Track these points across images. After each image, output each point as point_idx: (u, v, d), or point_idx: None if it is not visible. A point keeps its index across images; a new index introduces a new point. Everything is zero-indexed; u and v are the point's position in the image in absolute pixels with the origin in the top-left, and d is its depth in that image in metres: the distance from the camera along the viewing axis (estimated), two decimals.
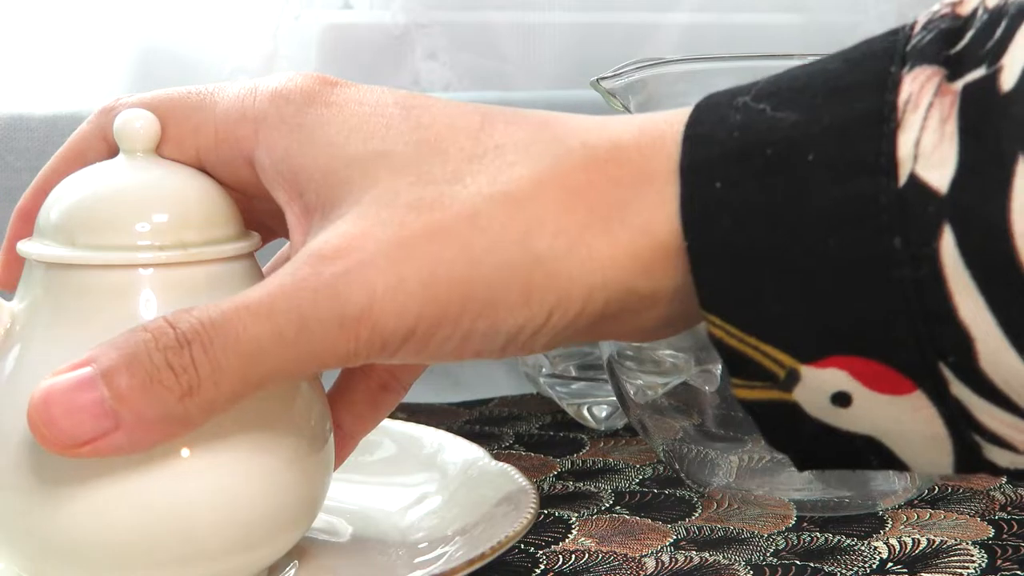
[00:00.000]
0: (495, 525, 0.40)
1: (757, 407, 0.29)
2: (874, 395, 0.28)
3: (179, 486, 0.33)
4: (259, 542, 0.35)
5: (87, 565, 0.33)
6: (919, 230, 0.26)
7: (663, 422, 0.49)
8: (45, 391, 0.30)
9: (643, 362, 0.49)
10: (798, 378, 0.28)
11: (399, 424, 0.51)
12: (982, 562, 0.42)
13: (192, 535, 0.33)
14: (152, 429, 0.30)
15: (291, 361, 0.30)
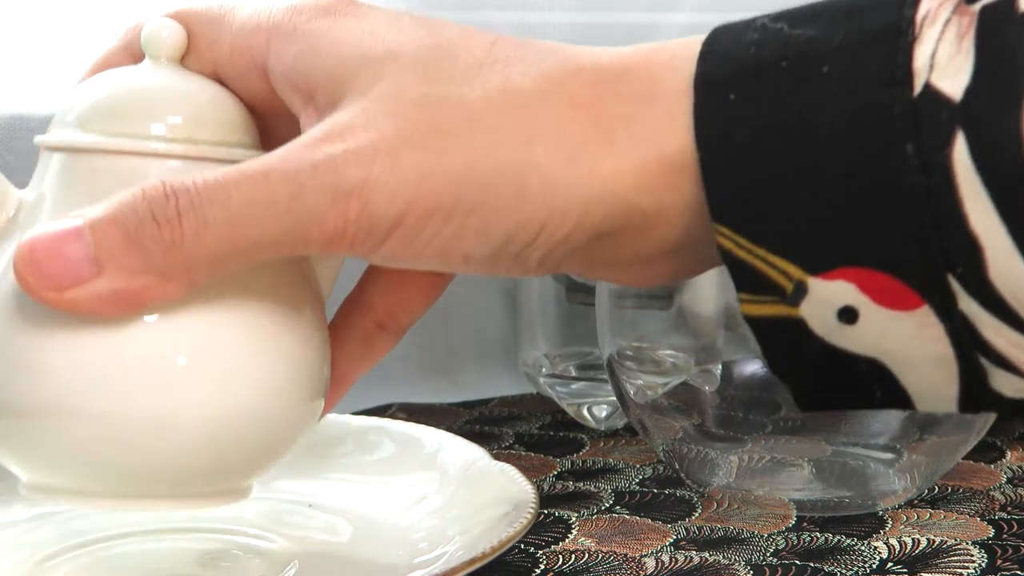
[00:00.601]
0: (495, 525, 0.40)
1: (762, 324, 0.29)
2: (881, 310, 0.27)
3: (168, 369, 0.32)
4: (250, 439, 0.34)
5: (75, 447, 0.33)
6: (932, 137, 0.26)
7: (663, 422, 0.49)
8: (32, 237, 0.30)
9: (643, 362, 0.49)
10: (805, 291, 0.28)
11: (399, 424, 0.51)
12: (982, 562, 0.42)
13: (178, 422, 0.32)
14: (132, 281, 0.30)
15: (279, 229, 0.29)
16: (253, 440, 0.34)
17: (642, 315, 0.50)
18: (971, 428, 0.47)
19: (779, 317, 0.28)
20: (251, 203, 0.29)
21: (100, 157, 0.34)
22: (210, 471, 0.34)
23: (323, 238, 0.30)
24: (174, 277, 0.30)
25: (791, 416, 0.47)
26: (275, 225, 0.29)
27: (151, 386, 0.32)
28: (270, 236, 0.30)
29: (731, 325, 0.47)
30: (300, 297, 0.35)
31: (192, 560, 0.43)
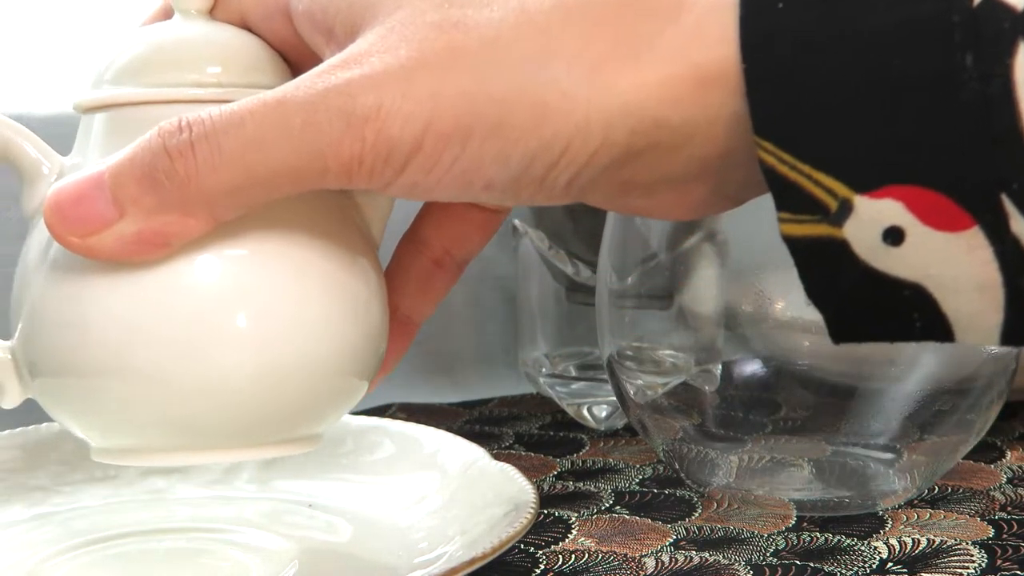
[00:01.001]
0: (495, 525, 0.40)
1: (802, 246, 0.28)
2: (928, 231, 0.26)
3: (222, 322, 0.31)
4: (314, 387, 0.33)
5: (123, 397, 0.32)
6: (992, 46, 0.25)
7: (663, 422, 0.49)
8: (58, 187, 0.30)
9: (643, 362, 0.49)
10: (851, 210, 0.27)
11: (399, 424, 0.51)
12: (982, 562, 0.42)
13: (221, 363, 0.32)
14: (153, 221, 0.30)
15: (295, 157, 0.29)
16: (318, 388, 0.33)
17: (642, 315, 0.50)
18: (971, 428, 0.47)
19: (820, 238, 0.27)
20: (265, 130, 0.29)
21: (138, 109, 0.33)
22: (276, 420, 0.33)
23: (340, 167, 0.29)
24: (194, 212, 0.30)
25: (791, 416, 0.47)
26: (291, 153, 0.29)
27: (204, 340, 0.31)
28: (287, 165, 0.29)
29: (731, 325, 0.47)
30: (353, 241, 0.34)
31: (192, 560, 0.43)
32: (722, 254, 0.47)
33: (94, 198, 0.30)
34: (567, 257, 0.60)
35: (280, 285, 0.32)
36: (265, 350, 0.32)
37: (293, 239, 0.32)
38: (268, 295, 0.32)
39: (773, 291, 0.45)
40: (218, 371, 0.31)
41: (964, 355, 0.46)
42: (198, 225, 0.30)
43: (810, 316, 0.46)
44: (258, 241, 0.32)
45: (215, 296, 0.31)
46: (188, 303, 0.31)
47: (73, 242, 0.30)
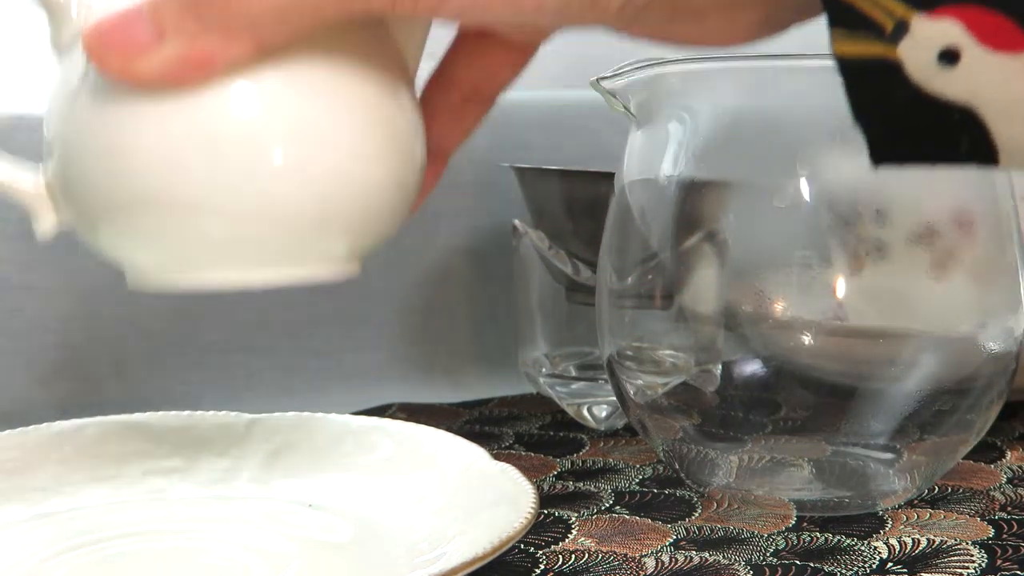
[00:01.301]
0: (495, 525, 0.40)
1: (854, 65, 0.27)
2: (985, 53, 0.26)
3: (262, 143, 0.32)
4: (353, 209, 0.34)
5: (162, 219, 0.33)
6: None
7: (663, 422, 0.49)
8: (99, 18, 0.31)
9: (643, 362, 0.49)
10: (907, 29, 0.27)
11: (399, 424, 0.51)
12: (982, 562, 0.42)
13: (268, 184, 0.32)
14: (195, 44, 0.30)
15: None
16: (356, 209, 0.34)
17: (642, 315, 0.49)
18: (971, 428, 0.47)
19: (873, 57, 0.27)
20: None
21: None
22: (318, 243, 0.34)
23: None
24: (237, 36, 0.30)
25: (791, 416, 0.47)
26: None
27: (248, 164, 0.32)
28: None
29: (731, 325, 0.47)
30: (392, 73, 0.34)
31: (192, 560, 0.43)
32: (722, 254, 0.47)
33: (135, 22, 0.30)
34: (567, 257, 0.60)
35: (324, 112, 0.32)
36: (307, 174, 0.32)
37: (335, 68, 0.33)
38: (312, 121, 0.32)
39: (773, 291, 0.45)
40: (261, 197, 0.32)
41: (964, 355, 0.46)
42: (242, 49, 0.30)
43: (810, 316, 0.46)
44: (301, 68, 0.32)
45: (259, 122, 0.31)
46: (232, 129, 0.31)
47: (114, 66, 0.30)
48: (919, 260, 0.45)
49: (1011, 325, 0.46)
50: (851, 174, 0.45)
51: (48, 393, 0.62)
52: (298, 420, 0.52)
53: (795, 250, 0.45)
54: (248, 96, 0.31)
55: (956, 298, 0.46)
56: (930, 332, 0.46)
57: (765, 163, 0.46)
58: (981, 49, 0.26)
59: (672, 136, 0.47)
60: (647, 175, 0.49)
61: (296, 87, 0.32)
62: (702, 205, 0.47)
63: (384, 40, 0.35)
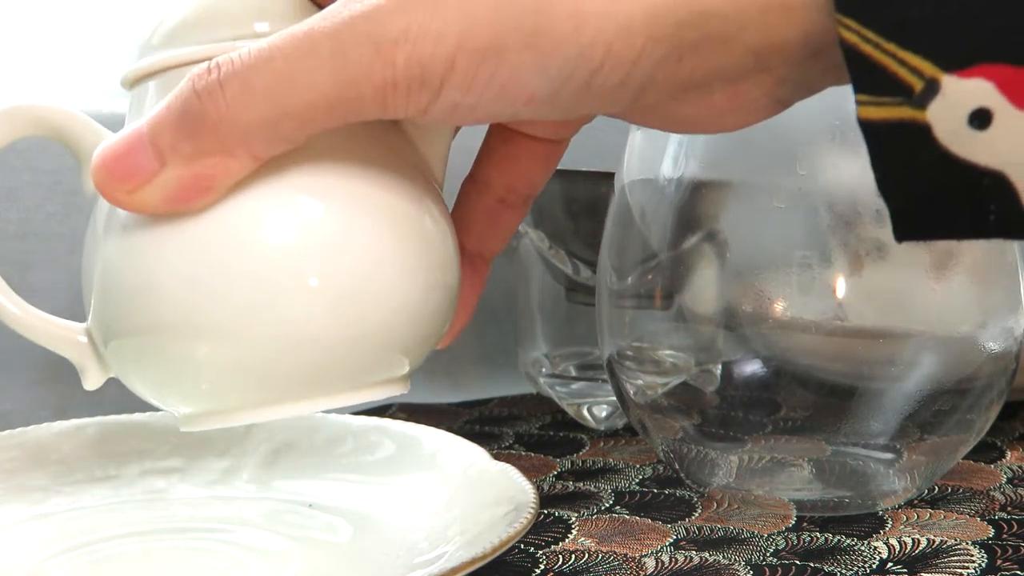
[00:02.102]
0: (495, 525, 0.40)
1: (879, 130, 0.27)
2: (1018, 114, 0.26)
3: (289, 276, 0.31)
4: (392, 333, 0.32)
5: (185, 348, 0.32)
6: None
7: (663, 422, 0.49)
8: (103, 145, 0.31)
9: (643, 362, 0.49)
10: (937, 90, 0.26)
11: (399, 424, 0.51)
12: (982, 562, 0.42)
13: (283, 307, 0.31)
14: (193, 166, 0.30)
15: (328, 87, 0.29)
16: (396, 333, 0.33)
17: (642, 315, 0.49)
18: (971, 428, 0.47)
19: (901, 121, 0.26)
20: (294, 63, 0.29)
21: (185, 71, 0.32)
22: (356, 367, 0.33)
23: (376, 93, 0.29)
24: (232, 151, 0.30)
25: (791, 416, 0.47)
26: (322, 83, 0.29)
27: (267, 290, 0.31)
28: (320, 96, 0.29)
29: (731, 325, 0.47)
30: (414, 178, 0.33)
31: (192, 560, 0.43)
32: (722, 254, 0.47)
33: (135, 151, 0.30)
34: (567, 257, 0.60)
35: (338, 225, 0.31)
36: (333, 295, 0.31)
37: (349, 178, 0.32)
38: (330, 236, 0.31)
39: (773, 291, 0.45)
40: (286, 322, 0.31)
41: (964, 355, 0.46)
42: (239, 164, 0.30)
43: (810, 316, 0.46)
44: (315, 182, 0.31)
45: (267, 243, 0.31)
46: (246, 253, 0.31)
47: (121, 198, 0.31)
48: (919, 260, 0.45)
49: (1011, 325, 0.46)
50: (851, 174, 0.45)
51: (48, 393, 0.62)
52: (298, 420, 0.52)
53: (795, 250, 0.45)
54: (253, 214, 0.31)
55: (956, 298, 0.46)
56: (930, 332, 0.46)
57: (765, 163, 0.46)
58: (1015, 110, 0.26)
59: (672, 136, 0.47)
60: (647, 175, 0.49)
61: (308, 201, 0.31)
62: (702, 205, 0.47)
63: (403, 147, 0.34)
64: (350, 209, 0.32)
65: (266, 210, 0.31)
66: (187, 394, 0.33)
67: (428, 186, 0.34)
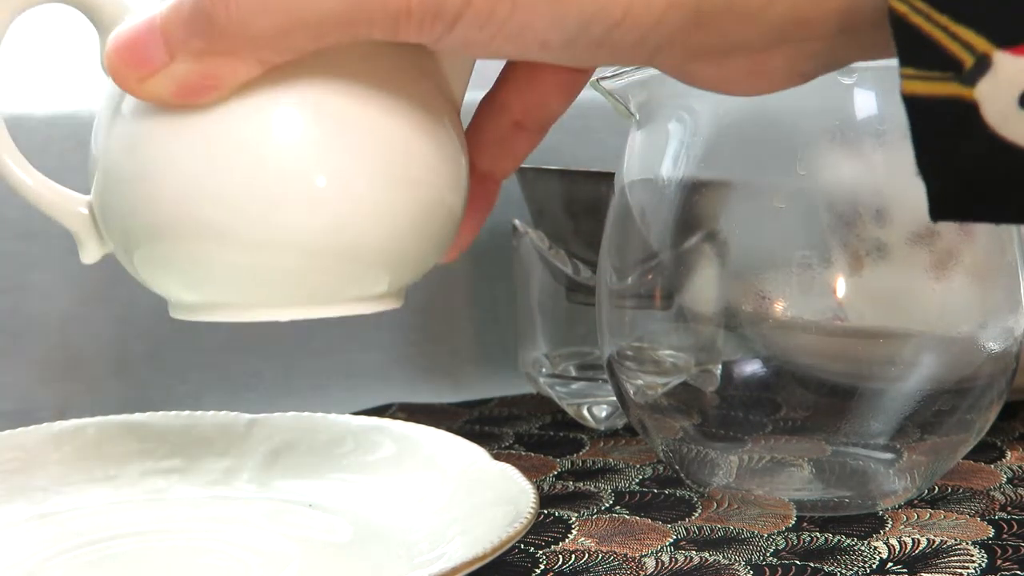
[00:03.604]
0: (495, 525, 0.40)
1: (924, 106, 0.26)
2: None
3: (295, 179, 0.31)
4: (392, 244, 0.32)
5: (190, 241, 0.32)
6: None
7: (663, 422, 0.49)
8: (118, 30, 0.31)
9: (643, 362, 0.49)
10: (988, 66, 0.25)
11: (399, 424, 0.51)
12: (982, 562, 0.42)
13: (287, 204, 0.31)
14: (201, 63, 0.30)
15: (341, 3, 0.29)
16: (394, 246, 0.33)
17: (642, 315, 0.49)
18: (971, 428, 0.47)
19: (947, 98, 0.25)
20: None
21: None
22: (352, 277, 0.33)
23: (387, 17, 0.29)
24: (241, 55, 0.30)
25: (791, 416, 0.47)
26: (336, 1, 0.29)
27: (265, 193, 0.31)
28: (332, 10, 0.29)
29: (731, 325, 0.47)
30: (429, 95, 0.33)
31: (192, 560, 0.43)
32: (722, 254, 0.47)
33: (148, 41, 0.30)
34: (567, 257, 0.60)
35: (344, 133, 0.31)
36: (329, 203, 0.31)
37: (360, 89, 0.32)
38: (329, 144, 0.31)
39: (773, 291, 0.45)
40: (281, 225, 0.31)
41: (964, 355, 0.46)
42: (246, 68, 0.30)
43: (810, 316, 0.46)
44: (322, 92, 0.31)
45: (271, 148, 0.31)
46: (244, 154, 0.31)
47: (132, 85, 0.31)
48: (919, 260, 0.45)
49: (1011, 325, 0.46)
50: (851, 174, 0.45)
51: (48, 393, 0.62)
52: (298, 420, 0.52)
53: (795, 250, 0.45)
54: (259, 117, 0.31)
55: (956, 298, 0.46)
56: (930, 332, 0.46)
57: (765, 163, 0.46)
58: None
59: (672, 136, 0.47)
60: (647, 175, 0.49)
61: (316, 109, 0.31)
62: (702, 205, 0.47)
63: (423, 64, 0.34)
64: (355, 121, 0.32)
65: (270, 114, 0.31)
66: (178, 283, 0.34)
67: (444, 105, 0.34)
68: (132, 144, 0.32)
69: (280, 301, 0.33)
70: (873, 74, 0.44)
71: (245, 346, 0.67)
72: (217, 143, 0.31)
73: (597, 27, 0.28)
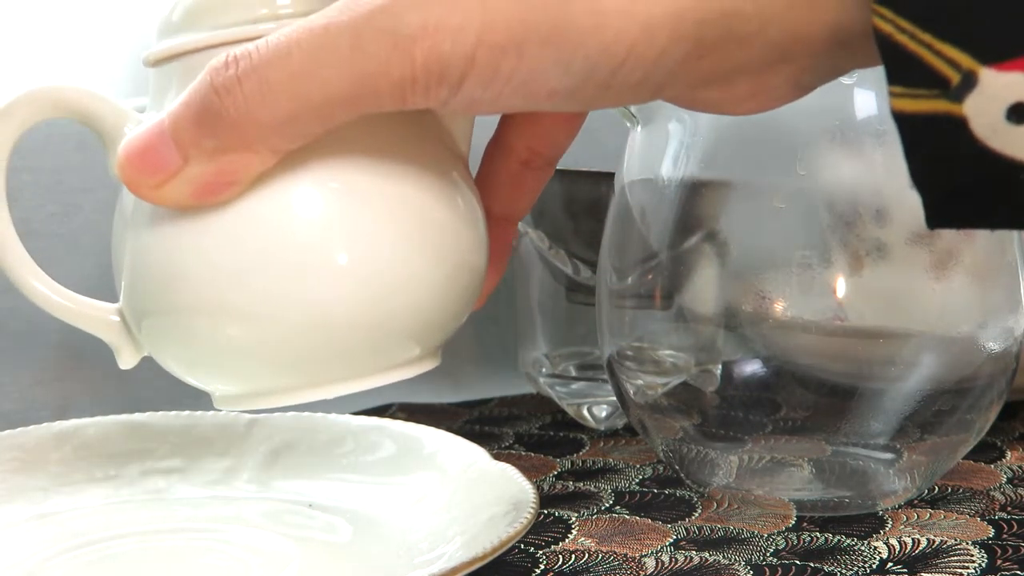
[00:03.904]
0: (495, 525, 0.40)
1: (913, 122, 0.26)
2: None
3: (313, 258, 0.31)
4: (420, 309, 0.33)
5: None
6: None
7: (663, 422, 0.49)
8: (126, 140, 0.31)
9: (643, 362, 0.49)
10: (974, 83, 0.25)
11: (399, 424, 0.51)
12: (982, 562, 0.42)
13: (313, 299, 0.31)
14: (215, 162, 0.30)
15: (346, 82, 0.29)
16: (425, 314, 0.33)
17: (642, 315, 0.49)
18: (971, 428, 0.47)
19: (935, 114, 0.26)
20: (312, 58, 0.29)
21: (208, 54, 0.32)
22: (388, 346, 0.33)
23: (393, 89, 0.29)
24: (253, 147, 0.30)
25: (791, 416, 0.47)
26: (340, 79, 0.29)
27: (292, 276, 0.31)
28: (338, 92, 0.29)
29: (731, 325, 0.47)
30: (438, 155, 0.34)
31: (192, 560, 0.43)
32: (722, 254, 0.47)
33: (158, 147, 0.30)
34: (567, 257, 0.60)
35: (364, 208, 0.32)
36: (358, 280, 0.31)
37: (374, 161, 0.32)
38: (351, 220, 0.31)
39: (773, 291, 0.45)
40: (313, 307, 0.31)
41: (964, 355, 0.46)
42: (260, 159, 0.30)
43: (810, 316, 0.46)
44: (338, 169, 0.31)
45: (295, 230, 0.31)
46: (269, 240, 0.31)
47: (147, 193, 0.31)
48: (919, 260, 0.45)
49: (1011, 325, 0.46)
50: (851, 174, 0.45)
51: (48, 393, 0.62)
52: (298, 420, 0.52)
53: (795, 250, 0.45)
54: (277, 204, 0.31)
55: (956, 298, 0.46)
56: (930, 332, 0.46)
57: (765, 163, 0.46)
58: None
59: (672, 136, 0.47)
60: (647, 175, 0.49)
61: (332, 189, 0.31)
62: (702, 205, 0.47)
63: (429, 124, 0.34)
64: (373, 195, 0.32)
65: (291, 200, 0.31)
66: (219, 375, 0.34)
67: (455, 163, 0.34)
68: (155, 248, 0.32)
69: (321, 379, 0.33)
70: (873, 74, 0.44)
71: None
72: (240, 236, 0.31)
73: (602, 70, 0.28)
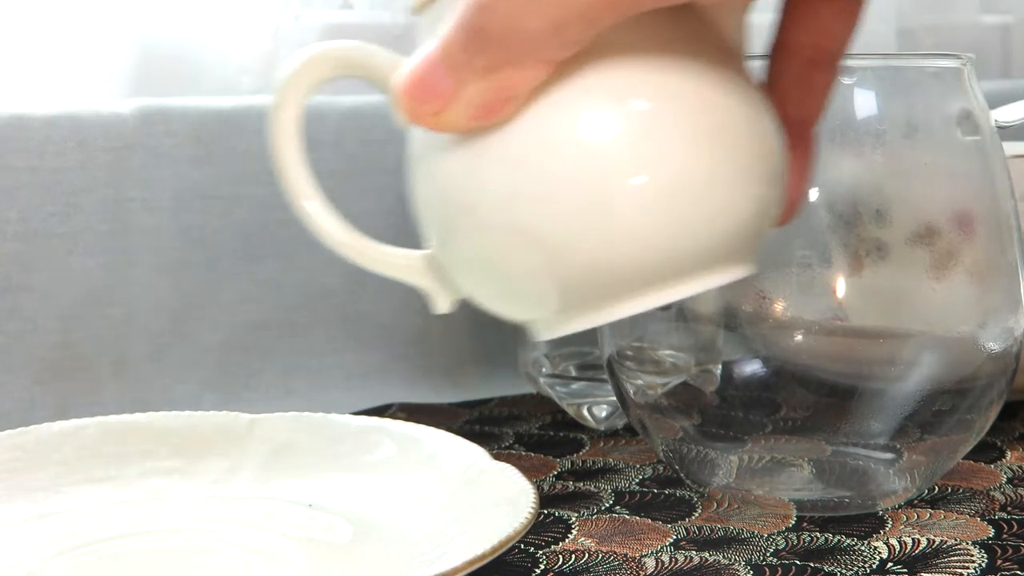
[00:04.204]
0: (495, 525, 0.40)
1: None
2: None
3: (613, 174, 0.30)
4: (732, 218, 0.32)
5: None
6: None
7: (663, 422, 0.49)
8: (399, 74, 0.31)
9: (643, 362, 0.49)
10: None
11: (399, 424, 0.51)
12: (982, 562, 0.42)
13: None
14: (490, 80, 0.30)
15: None
16: (726, 224, 0.32)
17: (642, 315, 0.49)
18: (971, 428, 0.47)
19: None
20: None
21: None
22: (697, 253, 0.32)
23: None
24: (525, 61, 0.30)
25: (791, 416, 0.47)
26: None
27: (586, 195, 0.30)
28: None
29: (731, 325, 0.47)
30: (722, 59, 0.33)
31: (192, 560, 0.43)
32: None
33: (432, 74, 0.30)
34: None
35: (651, 112, 0.31)
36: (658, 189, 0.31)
37: (651, 63, 0.31)
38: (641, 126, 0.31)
39: (773, 291, 0.45)
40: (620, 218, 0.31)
41: (964, 355, 0.46)
42: (534, 73, 0.30)
43: (810, 316, 0.46)
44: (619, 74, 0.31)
45: (591, 140, 0.30)
46: (565, 155, 0.31)
47: (429, 121, 0.31)
48: (919, 260, 0.45)
49: (1011, 325, 0.46)
50: (851, 174, 0.45)
51: (48, 393, 0.62)
52: (298, 420, 0.52)
53: (795, 250, 0.45)
54: (565, 114, 0.31)
55: (956, 298, 0.46)
56: (930, 332, 0.46)
57: None
58: None
59: None
60: None
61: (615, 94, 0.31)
62: None
63: (699, 27, 0.33)
64: (654, 94, 0.31)
65: (576, 111, 0.31)
66: (536, 302, 0.33)
67: (732, 61, 0.33)
68: (446, 181, 0.32)
69: (634, 291, 0.32)
70: (873, 74, 0.44)
71: (245, 346, 0.67)
72: (530, 152, 0.31)
73: None
